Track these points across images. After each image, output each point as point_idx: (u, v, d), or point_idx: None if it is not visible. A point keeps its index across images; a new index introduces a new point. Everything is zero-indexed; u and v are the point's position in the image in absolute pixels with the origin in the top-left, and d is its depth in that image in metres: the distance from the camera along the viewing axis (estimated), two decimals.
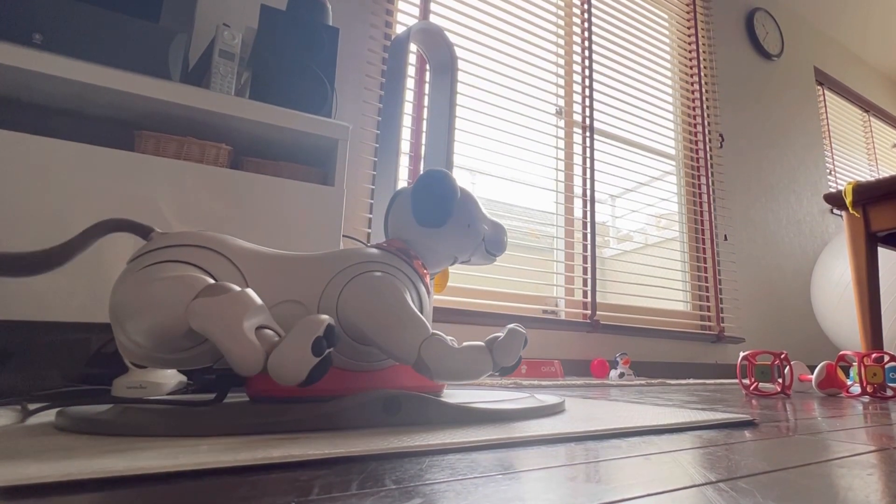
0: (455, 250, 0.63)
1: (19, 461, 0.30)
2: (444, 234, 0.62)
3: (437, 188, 0.60)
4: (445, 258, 0.63)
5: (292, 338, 0.42)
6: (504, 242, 0.67)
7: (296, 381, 0.42)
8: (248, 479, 0.29)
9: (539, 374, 1.54)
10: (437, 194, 0.60)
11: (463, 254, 0.64)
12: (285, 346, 0.42)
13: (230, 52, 1.04)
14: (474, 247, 0.64)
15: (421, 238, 0.61)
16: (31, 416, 0.49)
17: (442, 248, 0.62)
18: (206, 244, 0.50)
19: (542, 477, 0.30)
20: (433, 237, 0.61)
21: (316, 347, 0.42)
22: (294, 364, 0.41)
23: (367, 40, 1.70)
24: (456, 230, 0.62)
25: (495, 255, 0.67)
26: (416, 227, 0.61)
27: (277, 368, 0.41)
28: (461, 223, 0.63)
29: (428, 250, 0.62)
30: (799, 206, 2.96)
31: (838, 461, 0.36)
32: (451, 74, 1.62)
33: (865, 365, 1.03)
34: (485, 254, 0.66)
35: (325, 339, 0.43)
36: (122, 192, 0.86)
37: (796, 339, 2.72)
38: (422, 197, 0.60)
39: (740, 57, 2.88)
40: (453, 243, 0.62)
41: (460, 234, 0.63)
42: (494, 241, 0.66)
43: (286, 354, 0.42)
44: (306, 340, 0.42)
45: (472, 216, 0.64)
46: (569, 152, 2.14)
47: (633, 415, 0.57)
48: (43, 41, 0.85)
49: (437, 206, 0.60)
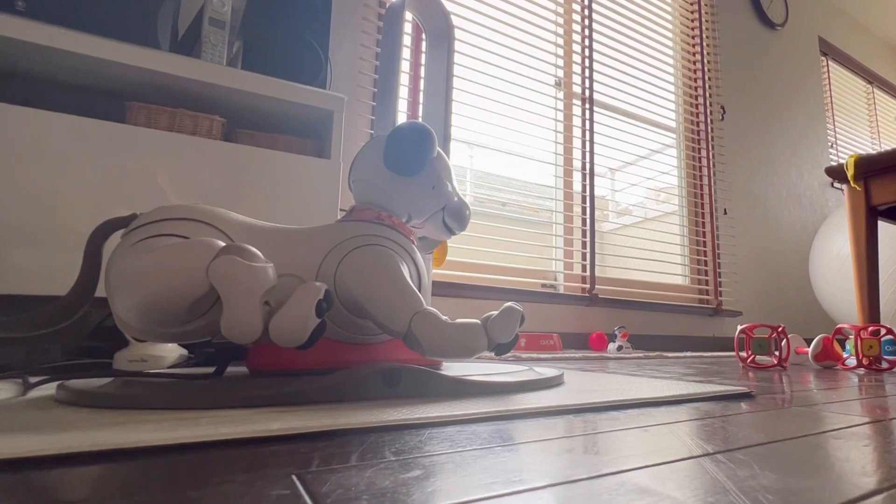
0: (412, 207, 0.61)
1: (19, 434, 0.30)
2: (407, 187, 0.60)
3: (416, 137, 0.58)
4: (400, 211, 0.61)
5: (295, 301, 0.44)
6: (465, 218, 0.65)
7: (299, 341, 0.43)
8: (248, 452, 0.29)
9: (538, 348, 1.55)
10: (413, 143, 0.58)
11: (419, 214, 0.62)
12: (288, 309, 0.43)
13: (220, 20, 1.01)
14: (432, 211, 0.62)
15: (382, 184, 0.59)
16: (32, 389, 0.49)
17: (401, 199, 0.60)
18: (201, 217, 0.50)
19: (540, 449, 0.30)
20: (396, 186, 0.59)
21: (318, 309, 0.43)
22: (298, 324, 0.43)
23: (361, 8, 1.66)
24: (421, 187, 0.60)
25: (452, 228, 0.64)
26: (382, 171, 0.59)
27: (281, 330, 0.43)
28: (427, 181, 0.61)
29: (386, 198, 0.59)
30: (800, 180, 2.94)
31: (834, 433, 0.36)
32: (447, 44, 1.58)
33: (862, 338, 1.04)
34: (441, 224, 0.64)
35: (324, 301, 0.44)
36: (114, 164, 0.85)
37: (794, 313, 2.74)
38: (397, 143, 0.58)
39: (743, 26, 2.82)
40: (413, 199, 0.60)
41: (424, 192, 0.61)
42: (456, 213, 0.63)
43: (290, 316, 0.43)
44: (310, 303, 0.43)
45: (441, 179, 0.62)
46: (568, 125, 2.12)
47: (630, 387, 0.58)
48: (26, 8, 0.82)
49: (411, 154, 0.58)
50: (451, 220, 0.64)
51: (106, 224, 0.50)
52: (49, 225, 0.80)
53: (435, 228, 0.65)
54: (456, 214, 0.64)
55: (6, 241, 0.78)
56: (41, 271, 0.79)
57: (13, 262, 0.78)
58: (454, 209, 0.64)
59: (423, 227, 0.65)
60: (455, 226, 0.65)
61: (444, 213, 0.63)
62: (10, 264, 0.77)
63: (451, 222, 0.64)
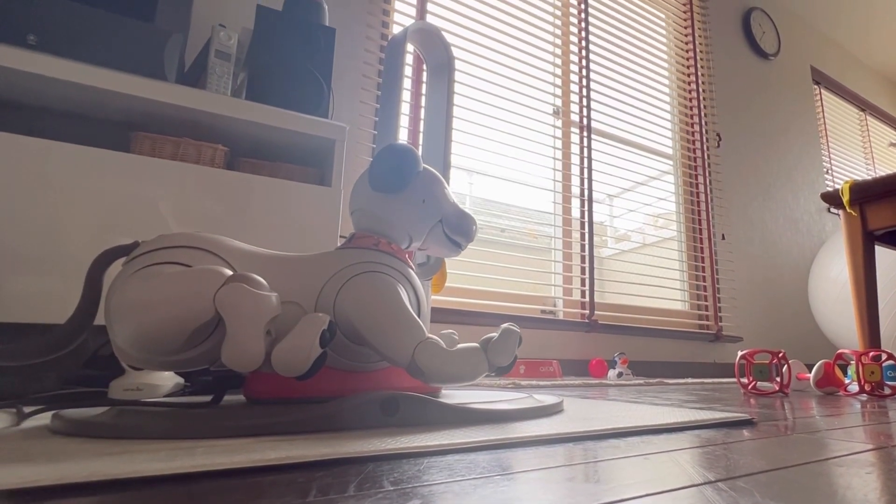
0: (409, 226, 0.60)
1: (15, 464, 0.30)
2: (397, 205, 0.59)
3: (395, 156, 0.58)
4: (399, 233, 0.60)
5: (298, 332, 0.44)
6: (468, 230, 0.63)
7: (300, 371, 0.44)
8: (245, 481, 0.29)
9: (537, 375, 1.54)
10: (393, 160, 0.58)
11: (417, 231, 0.61)
12: (292, 339, 0.44)
13: (226, 53, 1.04)
14: (429, 225, 0.61)
15: (376, 210, 0.59)
16: (27, 419, 0.49)
17: (395, 220, 0.59)
18: (202, 245, 0.50)
19: (540, 477, 0.30)
20: (387, 208, 0.59)
21: (322, 339, 0.44)
22: (301, 355, 0.43)
23: (363, 40, 1.70)
24: (411, 202, 0.60)
25: (457, 241, 0.62)
26: (373, 196, 0.59)
27: (283, 359, 0.43)
28: (416, 196, 0.60)
29: (381, 222, 0.59)
30: (796, 205, 2.97)
31: (837, 460, 0.36)
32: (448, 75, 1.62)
33: (863, 363, 1.03)
34: (444, 238, 0.62)
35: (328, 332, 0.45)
36: (118, 193, 0.86)
37: (794, 338, 2.73)
38: (378, 162, 0.58)
39: (737, 56, 2.88)
40: (406, 217, 0.60)
41: (415, 207, 0.60)
42: (456, 223, 0.62)
43: (293, 347, 0.44)
44: (314, 334, 0.44)
45: (431, 192, 0.61)
46: (566, 152, 2.14)
47: (631, 414, 0.57)
48: (37, 42, 0.84)
49: (391, 170, 0.58)
50: (453, 232, 0.62)
51: (107, 252, 0.51)
52: (53, 253, 0.80)
53: (439, 245, 0.63)
54: (457, 225, 0.62)
55: (10, 269, 0.78)
56: (44, 299, 0.79)
57: (17, 290, 0.78)
58: (453, 220, 0.62)
59: (428, 247, 0.64)
60: (460, 238, 0.62)
61: (443, 227, 0.61)
62: (14, 292, 0.78)
63: (453, 234, 0.62)
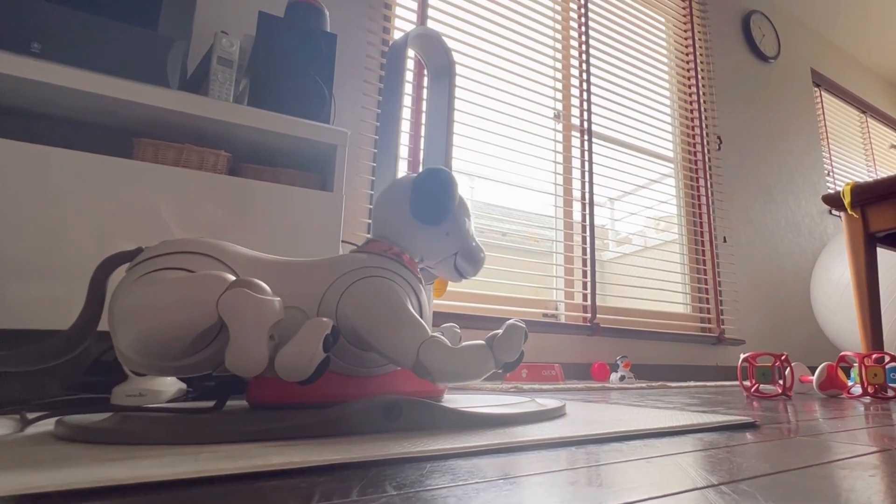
0: (425, 251, 0.62)
1: (19, 470, 0.30)
2: (422, 231, 0.60)
3: (440, 188, 0.59)
4: (414, 254, 0.61)
5: (302, 337, 0.44)
6: (478, 262, 0.65)
7: (304, 375, 0.43)
8: (248, 487, 0.29)
9: (539, 378, 1.54)
10: (439, 193, 0.59)
11: (431, 257, 0.63)
12: (295, 343, 0.44)
13: (228, 60, 1.04)
14: (445, 255, 0.63)
15: (399, 224, 0.60)
16: (30, 425, 0.49)
17: (415, 242, 0.61)
18: (205, 251, 0.50)
19: (543, 482, 0.30)
20: (411, 229, 0.60)
21: (325, 344, 0.44)
22: (304, 359, 0.43)
23: (364, 46, 1.71)
24: (436, 233, 0.61)
25: (464, 272, 0.65)
26: (403, 214, 0.60)
27: (287, 364, 0.43)
28: (443, 228, 0.61)
29: (401, 237, 0.60)
30: (798, 208, 2.96)
31: (840, 462, 0.36)
32: (448, 79, 1.62)
33: (866, 366, 1.03)
34: (452, 268, 0.64)
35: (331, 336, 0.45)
36: (121, 199, 0.86)
37: (797, 340, 2.72)
38: (423, 193, 0.59)
39: (737, 60, 2.89)
40: (427, 244, 0.61)
41: (438, 237, 0.61)
42: (470, 256, 0.64)
43: (297, 351, 0.44)
44: (317, 338, 0.44)
45: (456, 226, 0.63)
46: (567, 156, 2.15)
47: (633, 418, 0.57)
48: (41, 50, 0.85)
49: (437, 205, 0.59)
50: (464, 263, 0.64)
51: (111, 258, 0.51)
52: (57, 259, 0.81)
53: (447, 271, 0.65)
54: (469, 258, 0.64)
55: (14, 275, 0.78)
56: (48, 305, 0.79)
57: (21, 296, 0.78)
58: (468, 253, 0.64)
59: (434, 269, 0.66)
60: (468, 269, 0.65)
61: (456, 257, 0.63)
62: (17, 298, 0.78)
63: (463, 265, 0.64)
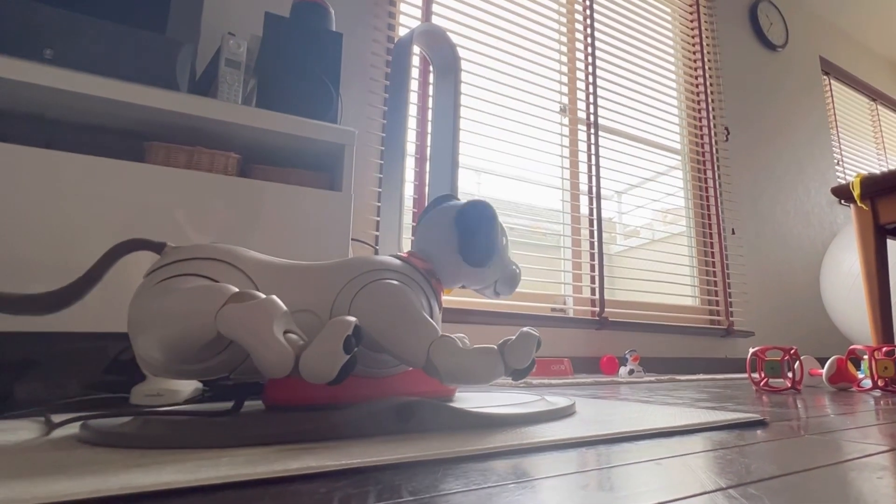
0: (466, 281, 0.64)
1: (48, 477, 0.31)
2: (470, 269, 0.62)
3: (488, 226, 0.61)
4: (454, 284, 0.64)
5: (324, 337, 0.44)
6: (515, 286, 0.67)
7: (328, 377, 0.43)
8: (269, 491, 0.30)
9: (549, 373, 1.55)
10: (488, 233, 0.61)
11: (473, 286, 0.65)
12: (317, 345, 0.44)
13: (236, 61, 1.05)
14: (484, 284, 0.65)
15: (449, 266, 0.62)
16: (56, 428, 0.50)
17: (461, 278, 0.63)
18: (220, 257, 0.51)
19: (554, 486, 0.31)
20: (459, 268, 0.62)
21: (347, 345, 0.44)
22: (327, 361, 0.43)
23: (370, 44, 1.71)
24: (483, 269, 0.63)
25: (501, 294, 0.67)
26: (454, 258, 0.61)
27: (310, 366, 0.43)
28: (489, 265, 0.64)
29: (447, 275, 0.62)
30: (807, 198, 2.94)
31: (849, 463, 0.36)
32: (454, 75, 1.63)
33: (876, 359, 1.03)
34: (491, 293, 0.67)
35: (353, 337, 0.45)
36: (135, 203, 0.88)
37: (807, 332, 2.71)
38: (472, 234, 0.61)
39: (744, 49, 2.86)
40: (472, 278, 0.63)
41: (483, 272, 0.63)
42: (508, 283, 0.66)
43: (319, 352, 0.44)
44: (338, 339, 0.44)
45: (500, 258, 0.64)
46: (573, 149, 2.14)
47: (643, 416, 0.58)
48: (53, 56, 0.86)
49: (487, 247, 0.61)
50: (503, 287, 0.66)
51: (131, 241, 0.52)
52: (70, 262, 0.82)
53: (485, 293, 0.67)
54: (507, 284, 0.66)
55: (29, 278, 0.80)
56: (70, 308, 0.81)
57: None
58: (507, 279, 0.66)
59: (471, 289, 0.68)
60: (505, 291, 0.67)
61: (496, 283, 0.66)
62: None
63: (501, 289, 0.67)
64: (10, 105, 0.92)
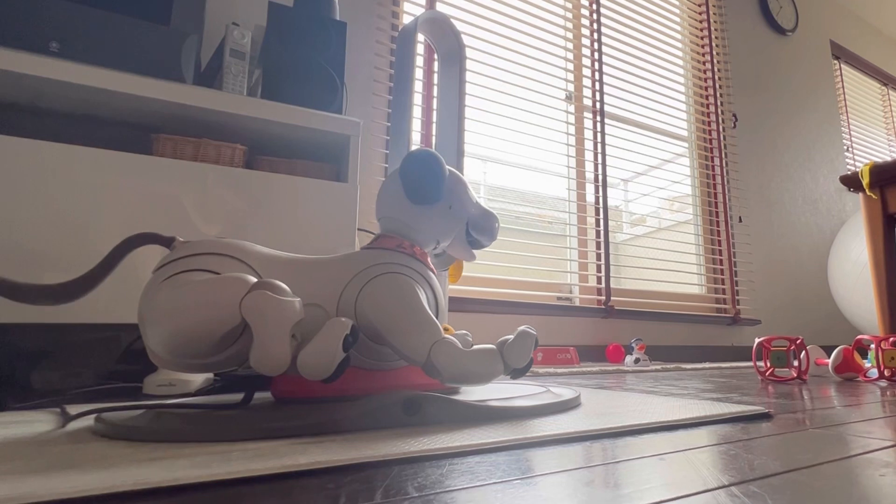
0: (437, 231, 0.62)
1: (65, 471, 0.32)
2: (426, 213, 0.61)
3: (426, 166, 0.60)
4: (427, 238, 0.62)
5: (322, 336, 0.46)
6: (492, 230, 0.65)
7: (325, 374, 0.45)
8: (279, 486, 0.30)
9: (555, 362, 1.55)
10: (425, 170, 0.60)
11: (445, 235, 0.63)
12: (316, 343, 0.46)
13: (240, 52, 1.05)
14: (456, 228, 0.63)
15: (405, 217, 0.61)
16: (71, 421, 0.51)
17: (424, 226, 0.61)
18: (228, 252, 0.52)
19: (559, 482, 0.31)
20: (416, 215, 0.61)
21: (345, 344, 0.46)
22: (325, 359, 0.45)
23: (374, 32, 1.70)
24: (440, 209, 0.62)
25: (479, 241, 0.65)
26: (407, 205, 0.61)
27: (309, 364, 0.45)
28: (444, 202, 0.62)
29: (410, 229, 0.61)
30: (815, 185, 2.91)
31: (853, 459, 0.37)
32: (459, 63, 1.61)
33: (883, 349, 1.03)
34: (464, 241, 0.65)
35: (350, 336, 0.47)
36: (143, 195, 0.88)
37: (814, 320, 2.70)
38: (412, 175, 0.60)
39: (753, 33, 2.81)
40: (435, 224, 0.62)
41: (443, 213, 0.62)
42: (480, 224, 0.64)
43: (318, 351, 0.45)
44: (337, 338, 0.46)
45: (457, 197, 0.63)
46: (580, 137, 2.13)
47: (648, 408, 0.58)
48: (60, 49, 0.86)
49: (428, 182, 0.60)
50: (479, 233, 0.64)
51: (142, 235, 0.52)
52: (80, 254, 0.83)
53: (462, 247, 0.65)
54: (480, 226, 0.64)
55: (39, 270, 0.81)
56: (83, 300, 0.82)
57: None
58: (476, 221, 0.64)
59: (451, 249, 0.66)
60: (483, 237, 0.65)
61: (468, 228, 0.64)
62: None
63: (476, 234, 0.64)
64: (17, 98, 0.92)
